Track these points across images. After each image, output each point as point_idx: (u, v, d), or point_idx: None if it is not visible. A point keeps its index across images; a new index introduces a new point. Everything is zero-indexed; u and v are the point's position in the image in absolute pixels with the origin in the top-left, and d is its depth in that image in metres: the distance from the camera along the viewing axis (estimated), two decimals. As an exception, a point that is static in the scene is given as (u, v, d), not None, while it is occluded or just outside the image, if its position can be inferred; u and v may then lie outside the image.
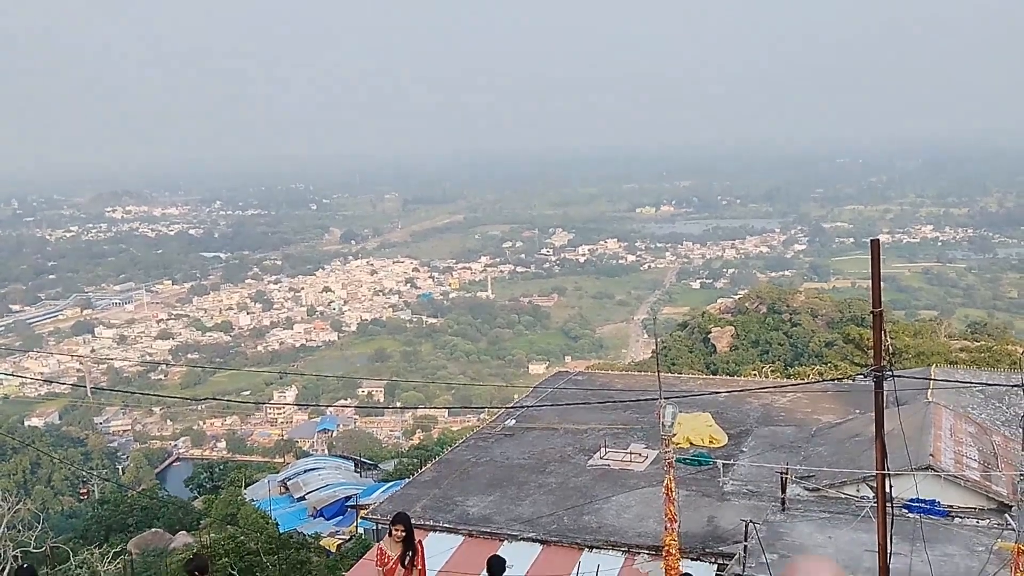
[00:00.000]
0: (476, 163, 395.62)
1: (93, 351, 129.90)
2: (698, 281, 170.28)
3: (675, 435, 18.33)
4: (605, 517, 18.64)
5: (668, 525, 11.92)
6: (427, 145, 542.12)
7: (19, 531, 19.69)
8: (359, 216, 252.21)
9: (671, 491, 11.77)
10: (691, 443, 22.45)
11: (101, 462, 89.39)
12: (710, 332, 75.30)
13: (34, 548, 19.71)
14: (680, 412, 17.91)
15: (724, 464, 19.89)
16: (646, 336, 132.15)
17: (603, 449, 22.83)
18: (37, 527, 20.65)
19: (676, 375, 38.01)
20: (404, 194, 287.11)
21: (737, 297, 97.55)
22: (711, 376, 41.97)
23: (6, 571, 12.59)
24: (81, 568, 24.96)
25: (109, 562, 25.52)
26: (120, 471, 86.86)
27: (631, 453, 22.40)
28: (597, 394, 28.19)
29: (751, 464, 20.59)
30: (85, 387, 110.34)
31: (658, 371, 16.00)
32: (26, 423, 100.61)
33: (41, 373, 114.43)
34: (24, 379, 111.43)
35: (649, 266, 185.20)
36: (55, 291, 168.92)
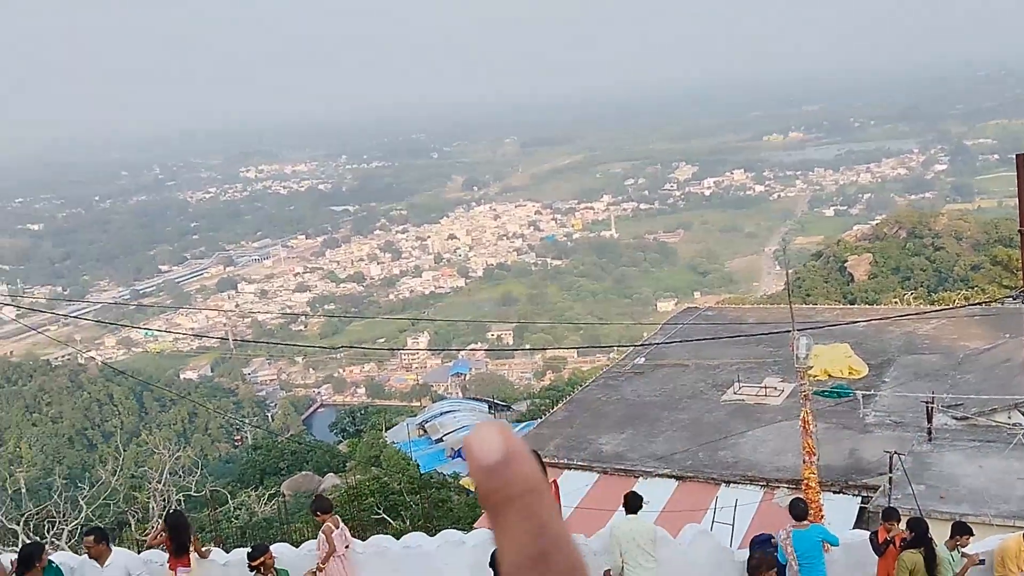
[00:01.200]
0: (592, 101, 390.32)
1: (237, 306, 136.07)
2: (831, 209, 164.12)
3: (811, 367, 17.93)
4: (741, 452, 18.49)
5: (806, 458, 11.74)
6: (541, 87, 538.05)
7: (181, 476, 21.03)
8: (479, 162, 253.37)
9: (808, 424, 11.56)
10: (829, 375, 21.94)
11: (252, 410, 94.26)
12: (846, 261, 72.72)
13: (195, 492, 21.01)
14: (816, 344, 17.47)
15: (865, 395, 19.36)
16: (778, 268, 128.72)
17: (736, 384, 22.57)
18: (197, 472, 22.02)
19: (811, 306, 37.03)
20: (522, 137, 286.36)
21: (874, 223, 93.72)
22: (848, 306, 40.69)
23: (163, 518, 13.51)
24: (239, 509, 26.56)
25: (265, 503, 27.07)
26: (269, 418, 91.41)
27: (766, 387, 22.07)
28: (728, 329, 27.76)
29: (894, 394, 19.97)
30: (231, 340, 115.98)
31: (790, 302, 15.65)
32: (181, 376, 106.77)
33: (192, 329, 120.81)
34: (177, 335, 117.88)
35: (779, 196, 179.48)
36: (199, 250, 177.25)
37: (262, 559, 10.12)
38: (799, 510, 10.21)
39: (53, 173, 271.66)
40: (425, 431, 45.23)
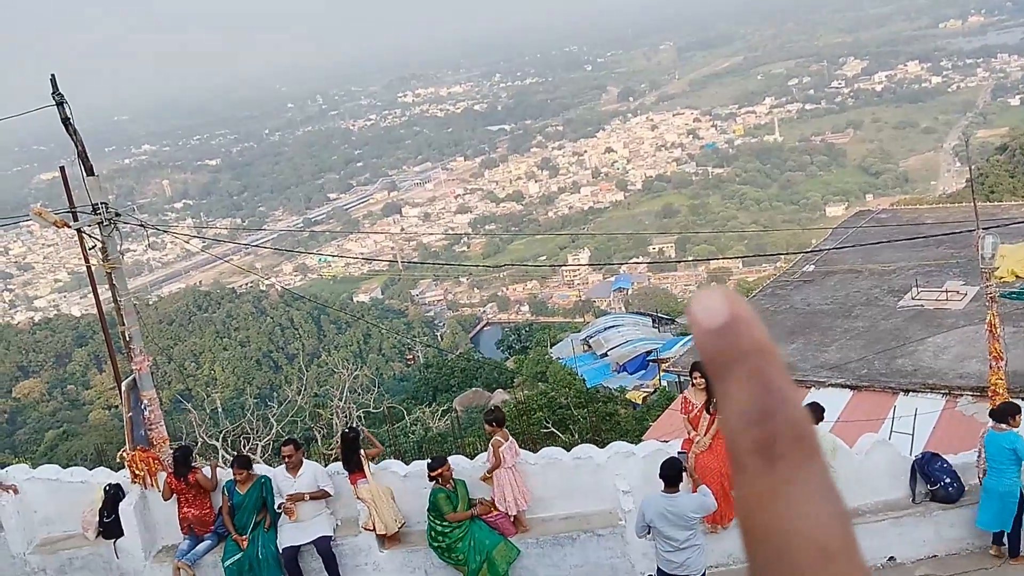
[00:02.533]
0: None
1: (403, 229, 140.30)
2: (1017, 97, 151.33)
3: (998, 268, 16.82)
4: (921, 359, 17.71)
5: (993, 364, 11.12)
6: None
7: (359, 395, 22.10)
8: (634, 71, 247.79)
9: (995, 328, 10.91)
10: (1016, 276, 20.53)
11: (422, 330, 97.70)
12: (1035, 153, 67.35)
13: (373, 409, 22.08)
14: (1003, 243, 16.33)
15: (1058, 296, 18.06)
16: (958, 164, 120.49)
17: (915, 289, 21.51)
18: (374, 390, 23.06)
19: (996, 204, 34.57)
20: (678, 42, 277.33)
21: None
22: (1038, 202, 37.77)
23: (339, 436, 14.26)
24: (415, 424, 27.79)
25: (439, 419, 28.20)
26: (439, 337, 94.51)
27: (947, 291, 20.93)
28: (904, 231, 26.38)
29: (1092, 295, 18.54)
30: (399, 263, 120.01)
31: (973, 198, 14.66)
32: (355, 299, 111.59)
33: (361, 253, 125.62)
34: (349, 259, 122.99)
35: (958, 86, 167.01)
36: (364, 177, 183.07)
37: (441, 470, 10.60)
38: (998, 413, 9.89)
39: (227, 109, 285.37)
40: (590, 346, 45.67)
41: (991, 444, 9.73)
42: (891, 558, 10.39)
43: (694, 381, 10.51)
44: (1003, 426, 9.65)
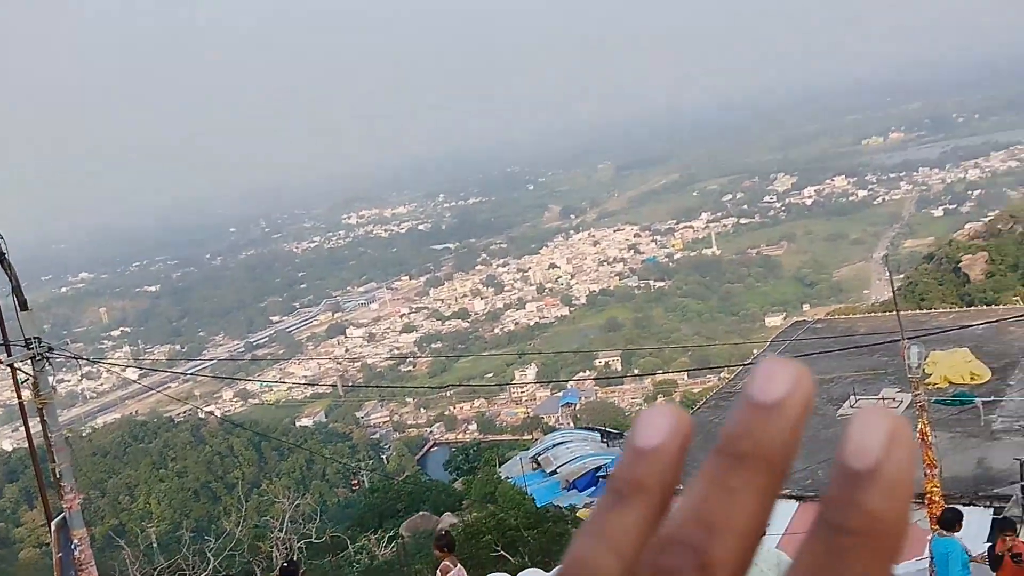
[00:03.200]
0: (683, 120, 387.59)
1: (347, 351, 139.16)
2: (940, 208, 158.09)
3: (929, 376, 17.24)
4: (862, 468, 17.88)
5: (927, 471, 11.32)
6: (633, 110, 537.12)
7: (301, 524, 21.49)
8: (575, 190, 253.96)
9: (927, 435, 11.14)
10: (950, 382, 21.02)
11: (367, 453, 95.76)
12: (960, 261, 69.83)
13: (316, 539, 21.44)
14: (935, 350, 16.80)
15: (989, 401, 18.49)
16: (888, 274, 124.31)
17: (852, 397, 21.88)
18: (317, 519, 22.44)
19: (926, 312, 35.64)
20: (616, 161, 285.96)
21: (987, 220, 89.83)
22: (966, 309, 39.01)
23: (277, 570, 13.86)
24: (360, 554, 26.96)
25: (385, 546, 27.43)
26: (385, 460, 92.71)
27: (883, 399, 21.31)
28: (839, 340, 26.99)
29: (1022, 399, 19.02)
30: (344, 386, 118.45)
31: (896, 308, 15.15)
32: (297, 424, 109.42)
33: (304, 377, 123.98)
34: (290, 384, 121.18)
35: (883, 199, 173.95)
36: (307, 299, 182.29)
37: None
38: (946, 521, 10.10)
39: (168, 234, 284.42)
40: (539, 464, 45.18)
41: (939, 550, 9.83)
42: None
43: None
44: (947, 532, 9.79)
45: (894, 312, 33.15)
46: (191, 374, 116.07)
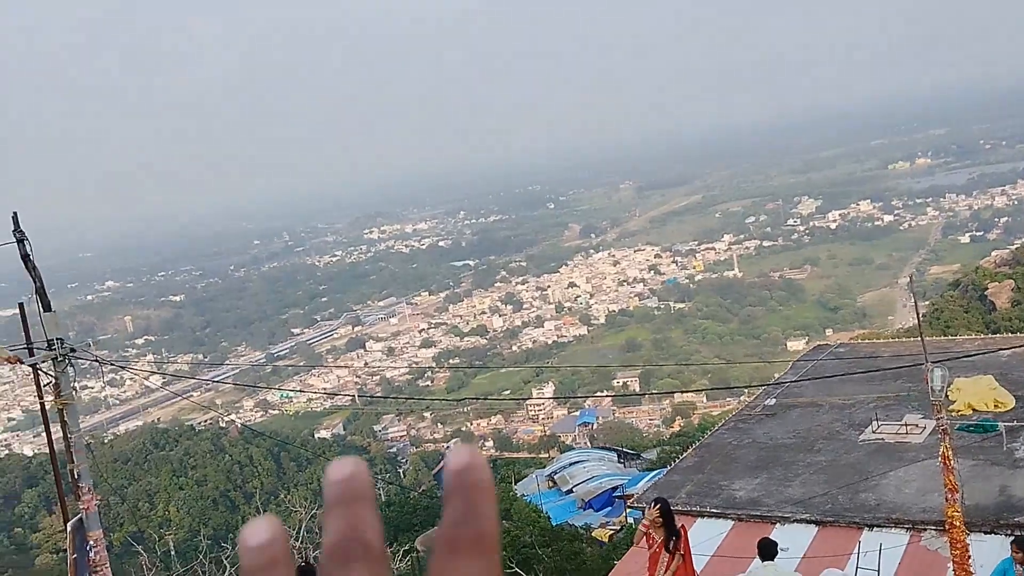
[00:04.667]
0: (707, 140, 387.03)
1: (366, 364, 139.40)
2: (967, 235, 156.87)
3: (954, 402, 17.03)
4: (884, 493, 17.66)
5: (949, 496, 11.16)
6: (656, 129, 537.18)
7: (317, 534, 21.46)
8: (596, 209, 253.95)
9: (948, 460, 11.00)
10: (973, 409, 20.75)
11: (384, 467, 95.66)
12: (986, 288, 69.15)
13: (332, 549, 21.36)
14: (959, 377, 16.60)
15: (1013, 428, 18.25)
16: (913, 300, 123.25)
17: (875, 422, 21.64)
18: (332, 530, 22.38)
19: (950, 338, 35.26)
20: (638, 181, 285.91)
21: (1014, 247, 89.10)
22: (991, 336, 38.59)
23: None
24: (375, 566, 26.80)
25: (399, 560, 27.35)
26: (401, 474, 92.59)
27: (906, 425, 21.07)
28: (862, 364, 26.74)
29: (1047, 427, 18.76)
30: (362, 398, 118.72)
31: (920, 333, 14.98)
32: (316, 435, 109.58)
33: (324, 388, 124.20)
34: (310, 395, 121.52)
35: (909, 224, 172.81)
36: (328, 312, 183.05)
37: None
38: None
39: (193, 245, 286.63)
40: (555, 482, 45.01)
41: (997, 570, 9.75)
42: None
43: (652, 515, 10.39)
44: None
45: (917, 338, 32.83)
46: (214, 381, 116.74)
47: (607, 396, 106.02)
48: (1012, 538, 10.35)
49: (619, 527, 33.53)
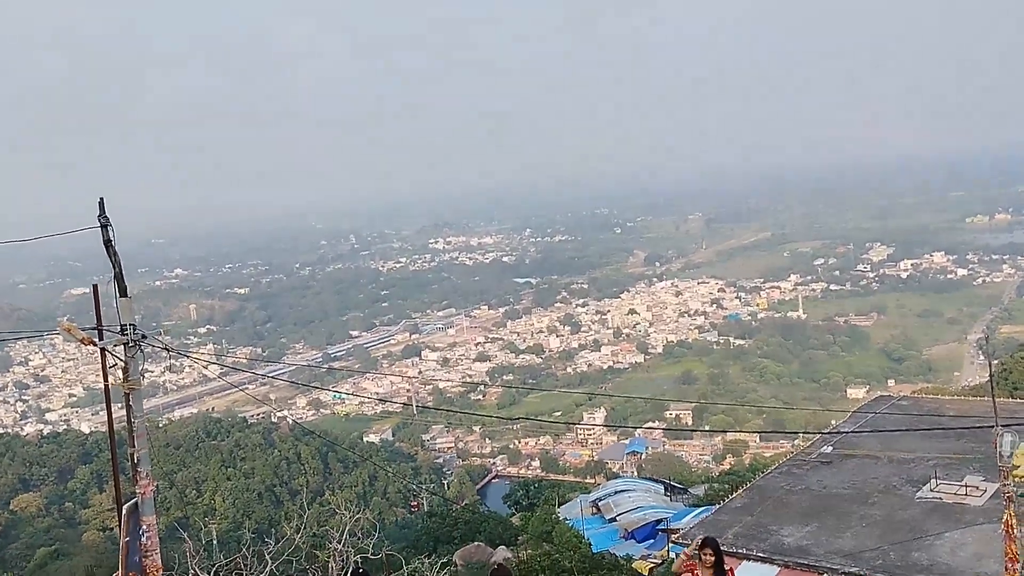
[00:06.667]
0: (782, 177, 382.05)
1: (420, 373, 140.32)
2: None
3: (1019, 467, 16.49)
4: (938, 554, 17.17)
5: (1008, 565, 10.77)
6: (730, 162, 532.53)
7: (359, 538, 21.52)
8: (662, 238, 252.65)
9: (1012, 528, 10.61)
10: (1040, 477, 20.08)
11: (429, 477, 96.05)
12: (1060, 352, 66.96)
13: (372, 555, 21.44)
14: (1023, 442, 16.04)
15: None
16: (982, 357, 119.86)
17: (934, 480, 21.05)
18: (374, 535, 22.47)
19: (1020, 401, 34.21)
20: (707, 213, 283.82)
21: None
22: (1062, 402, 37.34)
23: (349, 572, 13.90)
24: (412, 576, 26.87)
25: (437, 572, 27.30)
26: (445, 486, 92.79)
27: (966, 486, 20.47)
28: (925, 420, 26.07)
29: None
30: (413, 407, 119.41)
31: (992, 394, 14.51)
32: (364, 439, 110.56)
33: (376, 393, 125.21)
34: (363, 398, 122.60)
35: (983, 280, 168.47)
36: (387, 318, 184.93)
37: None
38: None
39: (262, 239, 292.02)
40: (599, 509, 44.58)
41: None
42: None
43: (703, 557, 10.22)
44: None
45: (984, 397, 31.89)
46: (270, 376, 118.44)
47: (658, 428, 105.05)
48: None
49: (660, 561, 33.06)
